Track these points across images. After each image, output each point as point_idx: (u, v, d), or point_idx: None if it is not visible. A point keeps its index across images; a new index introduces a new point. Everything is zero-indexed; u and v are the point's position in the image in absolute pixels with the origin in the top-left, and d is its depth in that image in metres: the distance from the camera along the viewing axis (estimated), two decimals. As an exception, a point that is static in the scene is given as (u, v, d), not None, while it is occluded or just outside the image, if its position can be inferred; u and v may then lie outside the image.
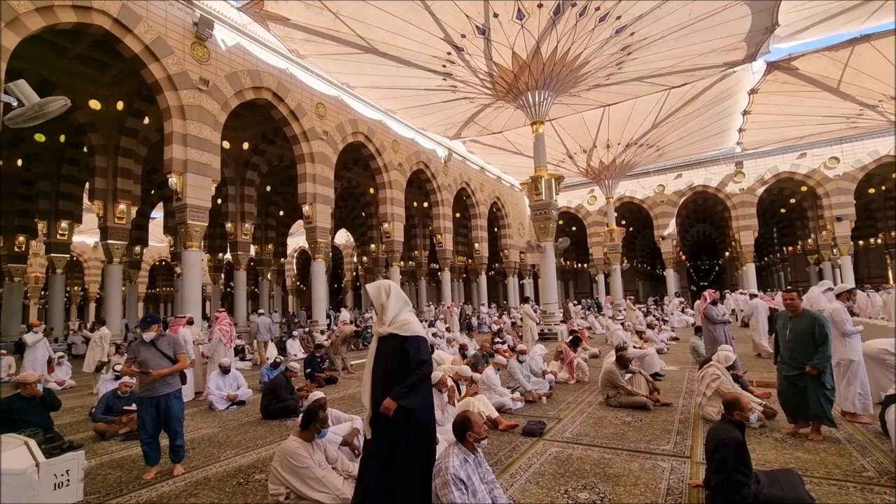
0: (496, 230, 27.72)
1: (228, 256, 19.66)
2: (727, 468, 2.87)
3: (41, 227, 15.60)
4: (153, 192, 19.12)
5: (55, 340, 14.87)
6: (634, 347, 8.57)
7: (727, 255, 36.06)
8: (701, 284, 41.95)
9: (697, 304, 9.33)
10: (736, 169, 25.40)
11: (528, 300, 18.27)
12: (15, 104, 4.29)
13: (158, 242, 29.76)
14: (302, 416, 3.69)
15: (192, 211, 10.52)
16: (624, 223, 30.32)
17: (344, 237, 34.55)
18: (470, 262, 27.42)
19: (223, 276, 24.11)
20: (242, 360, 11.92)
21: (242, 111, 14.30)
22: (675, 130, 20.74)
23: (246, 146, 17.62)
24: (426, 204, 23.08)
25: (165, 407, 4.12)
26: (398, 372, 2.85)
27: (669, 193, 27.48)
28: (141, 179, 14.38)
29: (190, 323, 8.44)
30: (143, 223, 18.81)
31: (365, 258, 27.79)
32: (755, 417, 4.68)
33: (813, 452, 4.03)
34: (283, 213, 23.88)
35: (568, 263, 38.07)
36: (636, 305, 19.39)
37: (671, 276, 27.70)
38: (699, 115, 19.38)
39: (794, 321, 4.53)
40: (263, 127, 16.75)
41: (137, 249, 18.35)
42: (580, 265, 39.39)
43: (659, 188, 27.75)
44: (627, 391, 5.99)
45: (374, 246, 25.16)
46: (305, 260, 35.68)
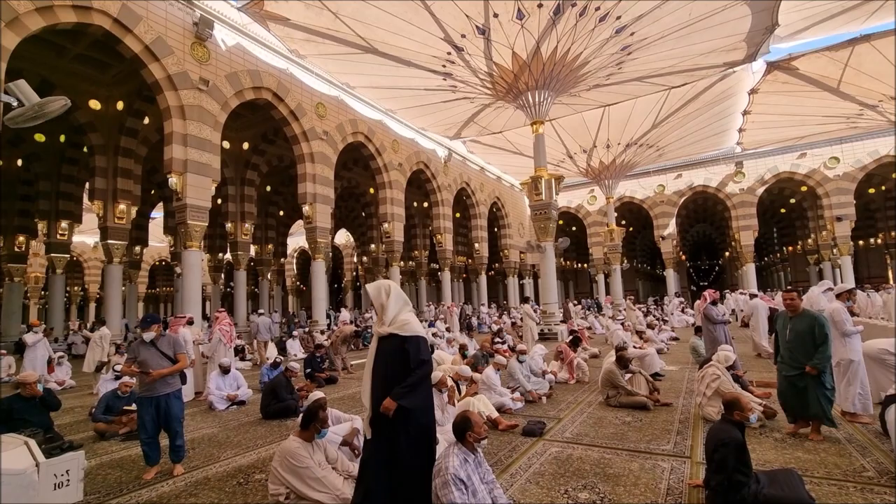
0: (496, 230, 27.71)
1: (228, 256, 19.67)
2: (727, 468, 2.86)
3: (41, 227, 15.61)
4: (153, 192, 19.13)
5: (55, 340, 14.87)
6: (634, 347, 8.57)
7: (727, 255, 36.07)
8: (701, 284, 41.95)
9: (697, 304, 9.33)
10: (736, 169, 25.39)
11: (528, 300, 18.27)
12: (15, 104, 4.29)
13: (158, 242, 29.77)
14: (302, 416, 3.69)
15: (192, 211, 10.52)
16: (624, 223, 30.32)
17: (344, 237, 34.57)
18: (470, 262, 27.42)
19: (223, 276, 24.12)
20: (242, 360, 11.92)
21: (242, 111, 14.30)
22: (675, 130, 20.74)
23: (246, 146, 17.62)
24: (426, 204, 23.08)
25: (165, 407, 4.13)
26: (398, 372, 2.85)
27: (669, 193, 27.47)
28: (141, 179, 14.38)
29: (190, 323, 8.45)
30: (143, 223, 18.82)
31: (365, 258, 27.80)
32: (755, 418, 4.68)
33: (813, 452, 4.03)
34: (283, 213, 23.88)
35: (568, 263, 38.07)
36: (636, 305, 19.40)
37: (671, 276, 27.70)
38: (699, 115, 19.38)
39: (793, 321, 4.54)
40: (263, 127, 16.75)
41: (137, 249, 18.36)
42: (580, 265, 39.39)
43: (659, 188, 27.74)
44: (627, 391, 5.99)
45: (374, 246, 25.17)
46: (305, 260, 35.69)
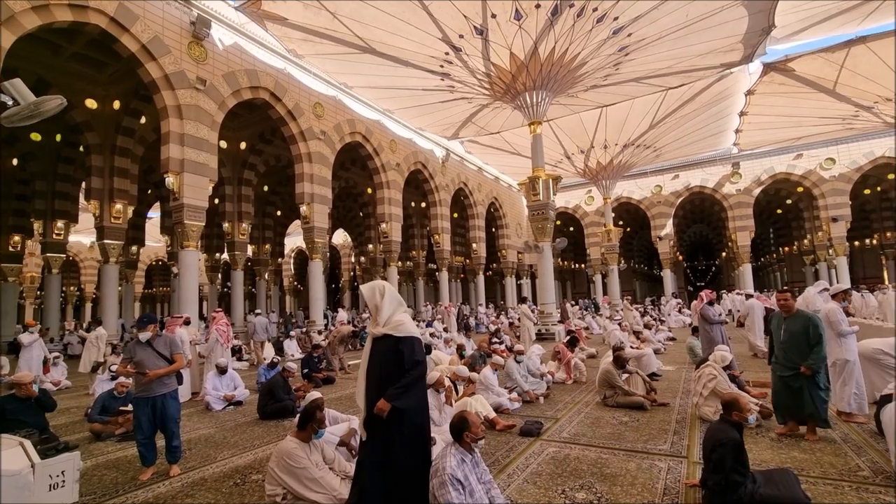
0: (494, 230, 27.73)
1: (225, 256, 19.62)
2: (725, 468, 2.87)
3: (37, 226, 15.55)
4: (150, 191, 19.07)
5: (51, 340, 14.79)
6: (631, 348, 8.59)
7: (724, 255, 36.20)
8: (698, 285, 42.08)
9: (694, 304, 9.37)
10: (733, 170, 25.47)
11: (525, 300, 18.26)
12: (10, 103, 4.27)
13: (155, 242, 29.62)
14: (299, 416, 3.68)
15: (188, 211, 10.49)
16: (621, 224, 30.37)
17: (341, 237, 34.53)
18: (468, 262, 27.43)
19: (220, 276, 24.04)
20: (239, 360, 11.88)
21: (240, 111, 14.26)
22: (672, 131, 20.79)
23: (243, 146, 17.58)
24: (424, 204, 23.09)
25: (162, 407, 4.11)
26: (393, 373, 2.85)
27: (667, 194, 27.54)
28: (137, 179, 14.32)
29: (187, 323, 8.41)
30: (139, 223, 18.78)
31: (362, 258, 27.78)
32: (754, 418, 4.68)
33: (809, 452, 4.05)
34: (280, 213, 23.84)
35: (565, 264, 38.11)
36: (633, 306, 19.45)
37: (668, 276, 27.78)
38: (696, 115, 19.43)
39: (788, 322, 4.55)
40: (261, 127, 16.71)
41: (134, 249, 18.31)
42: (578, 265, 39.45)
43: (656, 189, 27.81)
44: (624, 391, 6.00)
45: (371, 246, 25.15)
46: (303, 260, 35.63)
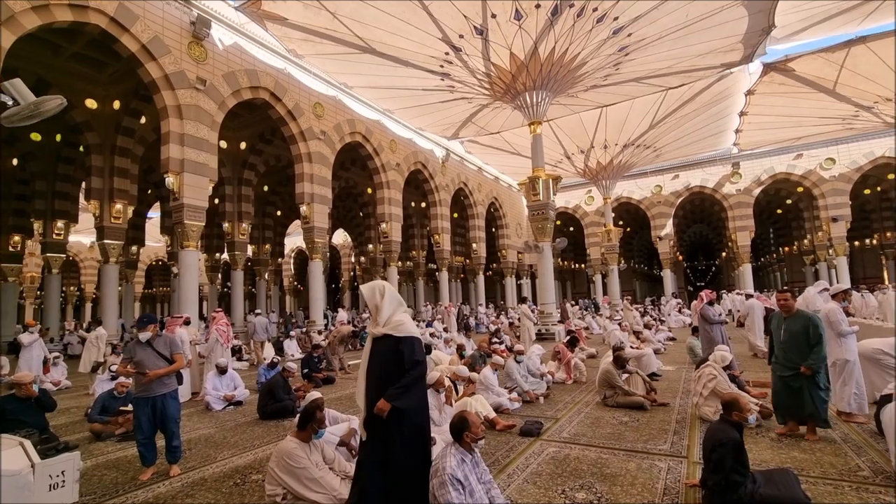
0: (494, 230, 27.72)
1: (225, 256, 19.62)
2: (725, 468, 2.87)
3: (37, 226, 15.55)
4: (150, 191, 19.07)
5: (51, 340, 14.79)
6: (631, 348, 8.59)
7: (724, 255, 36.20)
8: (698, 285, 42.07)
9: (694, 304, 9.36)
10: (733, 170, 25.46)
11: (525, 300, 18.26)
12: (10, 103, 4.27)
13: (155, 242, 29.62)
14: (299, 416, 3.68)
15: (188, 211, 10.48)
16: (621, 224, 30.37)
17: (341, 237, 34.52)
18: (468, 262, 27.42)
19: (220, 276, 24.05)
20: (239, 360, 11.88)
21: (240, 111, 14.26)
22: (672, 131, 20.79)
23: (243, 146, 17.58)
24: (424, 204, 23.08)
25: (162, 407, 4.11)
26: (393, 373, 2.85)
27: (667, 194, 27.53)
28: (138, 179, 14.32)
29: (187, 323, 8.41)
30: (139, 223, 18.78)
31: (362, 258, 27.78)
32: (754, 418, 4.68)
33: (809, 452, 4.05)
34: (280, 213, 23.84)
35: (565, 264, 38.11)
36: (633, 306, 19.44)
37: (668, 276, 27.77)
38: (696, 115, 19.43)
39: (788, 322, 4.55)
40: (261, 127, 16.71)
41: (134, 249, 18.31)
42: (578, 265, 39.45)
43: (656, 189, 27.81)
44: (624, 391, 6.00)
45: (371, 246, 25.15)
46: (303, 260, 35.63)
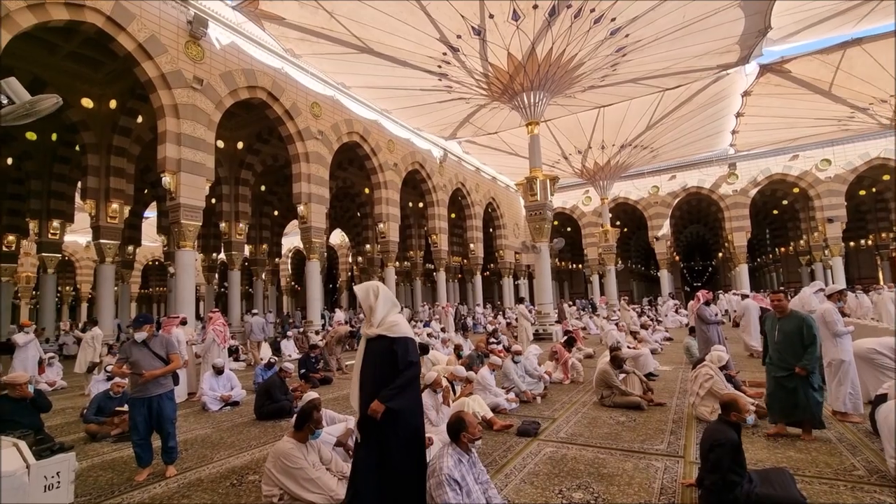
0: (491, 231, 27.74)
1: (222, 256, 19.54)
2: (722, 468, 2.88)
3: (32, 226, 15.45)
4: (146, 191, 18.99)
5: (46, 341, 14.71)
6: (628, 348, 8.60)
7: (720, 255, 36.31)
8: (695, 285, 42.23)
9: (691, 304, 9.39)
10: (729, 170, 25.56)
11: (523, 300, 18.28)
12: (6, 102, 4.24)
13: (151, 242, 29.52)
14: (296, 416, 3.68)
15: (185, 210, 10.45)
16: (618, 224, 30.45)
17: (339, 237, 34.47)
18: (465, 262, 27.42)
19: (217, 276, 23.99)
20: (236, 360, 11.85)
21: (237, 110, 14.22)
22: (669, 132, 20.86)
23: (240, 145, 17.52)
24: (421, 204, 23.07)
25: (157, 408, 4.09)
26: (387, 373, 2.83)
27: (663, 194, 27.61)
28: (134, 178, 14.25)
29: (183, 323, 8.39)
30: (136, 222, 18.68)
31: (360, 258, 27.73)
32: (752, 419, 4.69)
33: (804, 452, 4.07)
34: (277, 212, 23.78)
35: (563, 264, 38.17)
36: (630, 306, 19.49)
37: (665, 276, 27.86)
38: (693, 116, 19.51)
39: (781, 322, 4.56)
40: (258, 126, 16.66)
41: (130, 249, 18.21)
42: (575, 266, 39.51)
43: (653, 189, 27.88)
44: (622, 391, 6.01)
45: (369, 246, 25.11)
46: (300, 260, 35.54)
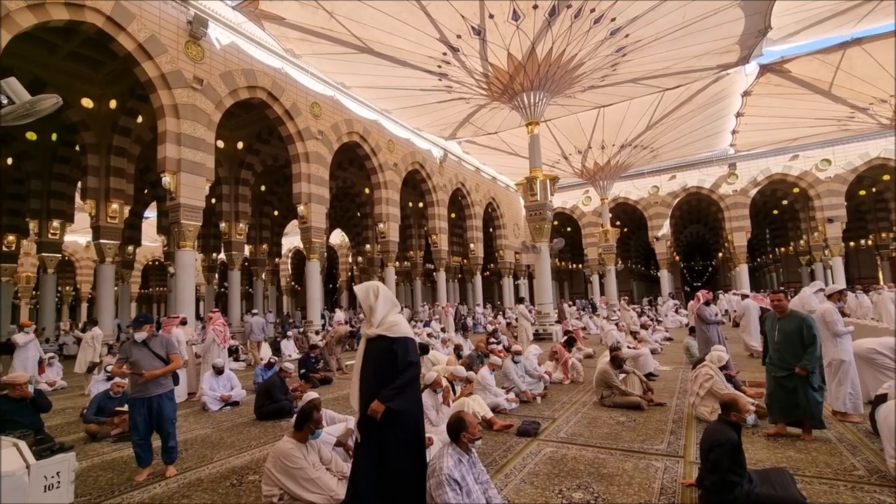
0: (491, 231, 27.73)
1: (222, 256, 19.54)
2: (722, 468, 2.88)
3: (32, 226, 15.45)
4: (146, 191, 18.99)
5: (46, 341, 14.72)
6: (628, 348, 8.60)
7: (720, 255, 36.32)
8: (695, 285, 42.23)
9: (691, 304, 9.39)
10: (729, 170, 25.55)
11: (523, 301, 18.28)
12: (5, 102, 4.24)
13: (151, 242, 29.52)
14: (296, 416, 3.68)
15: (185, 210, 10.45)
16: (618, 224, 30.44)
17: (339, 237, 34.47)
18: (465, 262, 27.42)
19: (217, 276, 23.98)
20: (236, 360, 11.85)
21: (237, 110, 14.22)
22: (669, 132, 20.86)
23: (240, 145, 17.52)
24: (421, 204, 23.07)
25: (157, 408, 4.09)
26: (387, 373, 2.82)
27: (663, 194, 27.61)
28: (134, 178, 14.25)
29: (183, 323, 8.39)
30: (136, 222, 18.68)
31: (360, 258, 27.72)
32: (752, 419, 4.69)
33: (804, 452, 4.07)
34: (277, 212, 23.78)
35: (563, 264, 38.17)
36: (630, 306, 19.49)
37: (665, 276, 27.85)
38: (693, 116, 19.50)
39: (781, 322, 4.56)
40: (258, 126, 16.66)
41: (130, 249, 18.21)
42: (575, 266, 39.51)
43: (653, 189, 27.88)
44: (621, 391, 6.01)
45: (369, 246, 25.11)
46: (300, 260, 35.54)
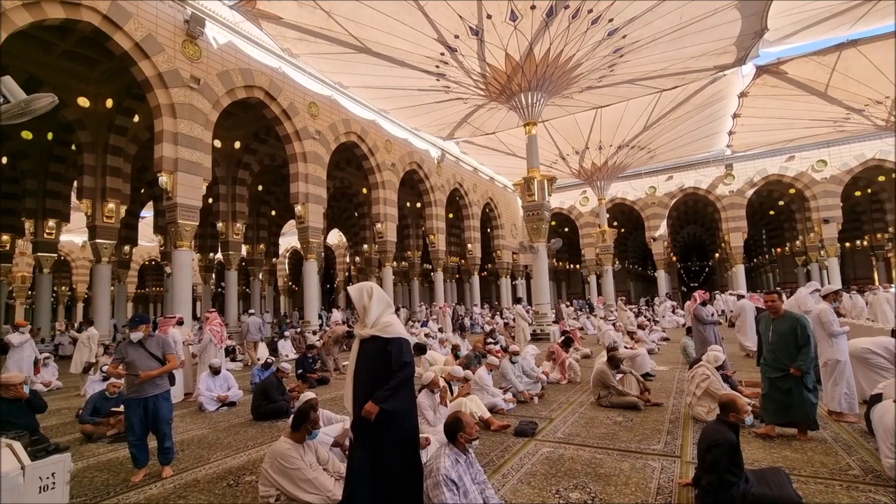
0: (489, 231, 27.75)
1: (219, 256, 19.50)
2: (719, 468, 2.89)
3: (28, 225, 15.36)
4: (143, 190, 18.91)
5: (42, 341, 14.63)
6: (625, 348, 8.63)
7: (717, 256, 36.44)
8: (691, 285, 42.31)
9: (688, 304, 9.42)
10: (726, 171, 25.66)
11: (520, 301, 18.31)
12: (1, 101, 4.21)
13: (148, 242, 29.42)
14: (293, 417, 3.66)
15: (182, 210, 10.42)
16: (616, 224, 30.52)
17: (336, 237, 34.43)
18: (463, 262, 27.42)
19: (214, 276, 23.90)
20: (233, 360, 11.82)
21: (234, 110, 14.19)
22: (666, 133, 20.93)
23: (237, 145, 17.48)
24: (419, 204, 23.07)
25: (154, 408, 4.08)
26: (381, 374, 2.81)
27: (661, 195, 27.70)
28: (130, 178, 14.21)
29: (180, 323, 8.35)
30: (132, 222, 18.59)
31: (357, 258, 27.72)
32: (750, 420, 4.70)
33: (800, 451, 4.09)
34: (274, 212, 23.74)
35: (560, 264, 38.23)
36: (627, 306, 19.53)
37: (662, 277, 27.94)
38: (690, 117, 19.58)
39: (775, 323, 4.57)
40: (255, 126, 16.63)
41: (126, 249, 18.13)
42: (572, 266, 39.59)
43: (650, 190, 27.96)
44: (618, 391, 6.02)
45: (366, 246, 25.09)
46: (297, 260, 35.47)
